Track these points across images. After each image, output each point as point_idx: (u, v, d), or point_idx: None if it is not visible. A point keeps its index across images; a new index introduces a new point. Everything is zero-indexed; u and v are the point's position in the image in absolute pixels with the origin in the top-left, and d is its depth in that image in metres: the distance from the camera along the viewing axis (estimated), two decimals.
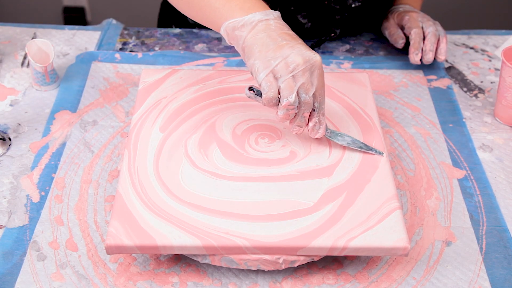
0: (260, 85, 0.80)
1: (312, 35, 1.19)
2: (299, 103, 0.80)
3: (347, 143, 0.87)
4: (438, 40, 1.11)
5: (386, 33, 1.18)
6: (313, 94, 0.80)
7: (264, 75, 0.79)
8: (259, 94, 0.84)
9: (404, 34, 1.15)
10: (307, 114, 0.82)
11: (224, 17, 0.84)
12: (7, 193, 0.89)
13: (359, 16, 1.18)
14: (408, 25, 1.13)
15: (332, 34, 1.18)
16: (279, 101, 0.80)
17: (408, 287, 0.79)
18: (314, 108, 0.82)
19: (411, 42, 1.10)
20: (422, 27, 1.12)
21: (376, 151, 0.87)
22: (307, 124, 0.84)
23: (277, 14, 0.84)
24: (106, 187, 0.90)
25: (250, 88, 0.84)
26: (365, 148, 0.87)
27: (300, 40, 0.82)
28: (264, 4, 0.85)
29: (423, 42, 1.10)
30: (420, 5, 1.23)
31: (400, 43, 1.14)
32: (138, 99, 0.95)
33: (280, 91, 0.79)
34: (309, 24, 1.16)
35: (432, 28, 1.10)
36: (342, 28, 1.18)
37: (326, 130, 0.87)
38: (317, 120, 0.83)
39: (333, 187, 0.82)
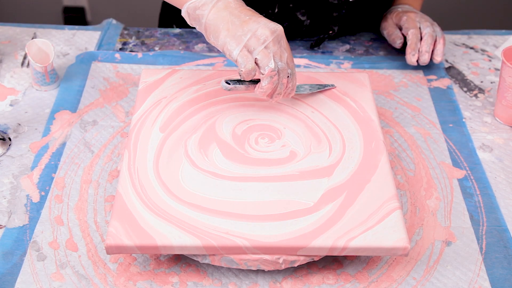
0: (236, 61, 0.84)
1: (311, 33, 1.19)
2: (277, 71, 0.85)
3: (309, 89, 0.96)
4: (435, 41, 1.11)
5: (385, 33, 1.18)
6: (286, 61, 0.85)
7: (239, 51, 0.83)
8: (235, 83, 0.88)
9: (403, 34, 1.15)
10: (285, 80, 0.87)
11: None
12: (7, 193, 0.89)
13: (357, 12, 1.18)
14: (406, 26, 1.13)
15: (330, 32, 1.18)
16: (257, 82, 0.86)
17: (408, 287, 0.79)
18: (288, 75, 0.87)
19: (408, 43, 1.10)
20: (419, 28, 1.12)
21: (328, 85, 0.97)
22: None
23: None
24: (106, 187, 0.90)
25: (226, 82, 0.88)
26: (322, 87, 0.97)
27: (259, 14, 0.87)
28: None
29: (420, 43, 1.10)
30: (420, 5, 1.23)
31: (398, 43, 1.14)
32: (138, 99, 0.95)
33: (258, 62, 0.84)
34: (308, 21, 1.16)
35: (429, 29, 1.11)
36: (340, 25, 1.18)
37: None
38: (291, 85, 0.88)
39: (333, 187, 0.82)
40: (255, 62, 0.84)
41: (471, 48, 1.20)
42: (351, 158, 0.86)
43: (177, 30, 1.23)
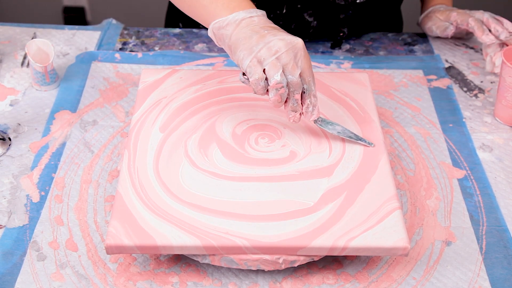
0: (246, 72, 0.82)
1: (319, 35, 1.19)
2: (287, 84, 0.81)
3: (337, 132, 0.88)
4: (498, 20, 1.11)
5: (433, 28, 1.18)
6: (301, 76, 0.82)
7: (248, 61, 0.81)
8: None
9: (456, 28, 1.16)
10: (298, 96, 0.83)
11: (211, 14, 0.86)
12: (7, 193, 0.89)
13: (365, 13, 1.18)
14: (461, 19, 1.13)
15: (341, 34, 1.17)
16: (268, 90, 0.82)
17: (408, 287, 0.79)
18: (304, 91, 0.83)
19: (475, 28, 1.10)
20: (474, 17, 1.12)
21: (366, 141, 0.88)
22: (301, 107, 0.85)
23: (261, 12, 0.86)
24: (106, 187, 0.90)
25: (244, 74, 0.84)
26: (355, 138, 0.88)
27: (283, 30, 0.84)
28: (249, 3, 0.87)
29: (485, 25, 1.10)
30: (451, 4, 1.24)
31: (449, 29, 1.15)
32: (138, 99, 0.95)
33: (266, 73, 0.81)
34: (315, 23, 1.16)
35: (487, 14, 1.11)
36: (348, 27, 1.17)
37: (318, 118, 0.87)
38: (309, 102, 0.84)
39: (333, 187, 0.82)
40: (264, 73, 0.81)
41: (471, 48, 1.20)
42: (351, 158, 0.86)
43: (177, 30, 1.23)
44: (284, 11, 1.13)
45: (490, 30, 1.10)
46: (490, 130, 1.02)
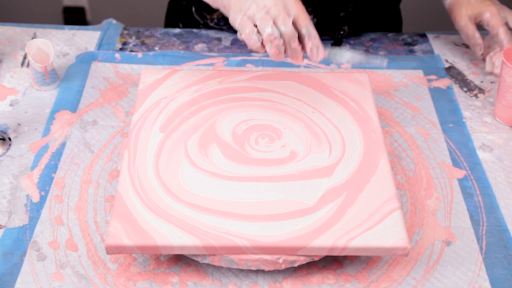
0: (238, 30, 0.84)
1: (319, 33, 1.19)
2: (281, 35, 0.83)
3: (347, 60, 0.89)
4: None
5: (463, 33, 1.10)
6: (295, 22, 0.84)
7: (240, 19, 0.84)
8: None
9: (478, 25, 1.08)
10: (295, 45, 0.84)
11: None
12: (7, 193, 0.89)
13: (364, 11, 1.17)
14: (492, 24, 1.05)
15: (342, 32, 1.17)
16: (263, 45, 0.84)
17: (408, 287, 0.79)
18: (303, 35, 0.84)
19: (503, 42, 1.04)
20: (506, 23, 1.06)
21: (377, 58, 0.89)
22: (305, 51, 0.86)
23: None
24: (106, 187, 0.90)
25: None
26: (365, 62, 0.89)
27: None
28: None
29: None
30: None
31: (479, 54, 1.09)
32: (138, 99, 0.95)
33: (258, 28, 0.83)
34: (315, 20, 1.16)
35: None
36: (349, 25, 1.17)
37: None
38: (311, 45, 0.85)
39: (333, 187, 0.82)
40: (256, 28, 0.83)
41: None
42: (351, 158, 0.86)
43: (177, 30, 1.23)
44: None
45: None
46: (490, 130, 1.02)
